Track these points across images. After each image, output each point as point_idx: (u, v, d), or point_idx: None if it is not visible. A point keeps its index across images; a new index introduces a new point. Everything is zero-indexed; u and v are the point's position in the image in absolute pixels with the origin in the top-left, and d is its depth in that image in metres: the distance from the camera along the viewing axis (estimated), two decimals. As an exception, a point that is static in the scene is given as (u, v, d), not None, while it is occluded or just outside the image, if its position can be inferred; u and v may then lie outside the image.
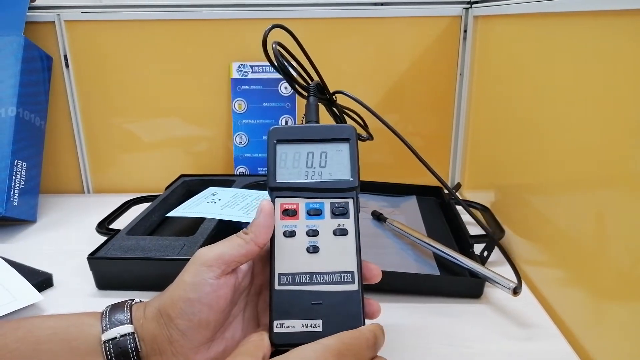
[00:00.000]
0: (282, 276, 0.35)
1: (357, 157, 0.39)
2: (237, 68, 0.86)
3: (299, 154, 0.39)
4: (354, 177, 0.38)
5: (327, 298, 0.34)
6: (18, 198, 0.75)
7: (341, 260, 0.36)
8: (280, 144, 0.39)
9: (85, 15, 0.84)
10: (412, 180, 0.81)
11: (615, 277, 0.41)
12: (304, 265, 0.35)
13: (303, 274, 0.35)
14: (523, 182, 0.63)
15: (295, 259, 0.35)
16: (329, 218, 0.37)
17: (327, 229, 0.37)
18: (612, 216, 0.42)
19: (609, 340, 0.43)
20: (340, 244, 0.36)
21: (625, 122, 0.40)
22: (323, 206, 0.37)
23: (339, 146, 0.39)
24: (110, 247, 0.59)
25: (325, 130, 0.40)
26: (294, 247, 0.36)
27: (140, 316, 0.36)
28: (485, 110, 0.78)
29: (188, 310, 0.34)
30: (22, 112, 0.76)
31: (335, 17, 0.83)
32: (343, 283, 0.35)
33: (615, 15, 0.42)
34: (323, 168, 0.38)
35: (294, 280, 0.34)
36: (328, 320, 0.33)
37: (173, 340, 0.34)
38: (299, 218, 0.37)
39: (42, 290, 0.56)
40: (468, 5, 0.82)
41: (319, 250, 0.36)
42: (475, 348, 0.47)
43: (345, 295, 0.34)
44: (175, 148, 0.91)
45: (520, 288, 0.50)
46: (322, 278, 0.35)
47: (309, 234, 0.36)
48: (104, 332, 0.35)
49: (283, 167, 0.38)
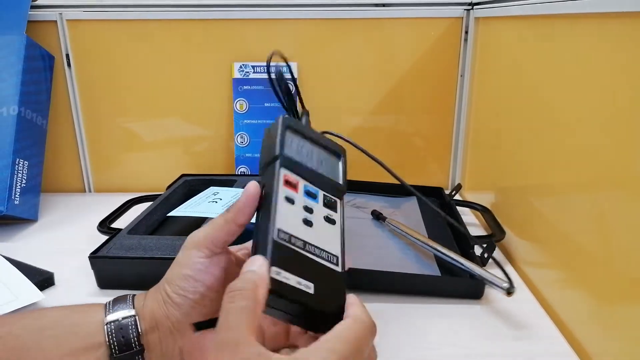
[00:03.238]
0: (281, 232, 0.35)
1: (345, 173, 0.42)
2: (239, 68, 0.86)
3: (303, 145, 0.40)
4: (344, 184, 0.41)
5: (318, 269, 0.35)
6: (19, 197, 0.75)
7: (329, 242, 0.37)
8: (289, 130, 0.40)
9: (87, 15, 0.84)
10: (413, 181, 0.81)
11: (615, 279, 0.42)
12: (300, 232, 0.36)
13: (299, 239, 0.35)
14: (523, 183, 0.63)
15: (293, 223, 0.36)
16: (322, 205, 0.39)
17: (320, 213, 0.38)
18: (612, 217, 0.42)
19: (609, 340, 0.43)
20: (329, 229, 0.38)
21: (626, 124, 0.40)
22: (318, 193, 0.39)
23: (334, 158, 0.42)
24: (111, 246, 0.59)
25: (325, 140, 0.43)
26: (293, 213, 0.36)
27: (141, 299, 0.38)
28: (485, 111, 0.78)
29: (183, 285, 0.36)
30: (24, 111, 0.77)
31: (337, 18, 0.83)
32: (330, 262, 0.36)
33: (616, 17, 0.42)
34: (321, 165, 0.41)
35: (290, 241, 0.35)
36: (318, 288, 0.34)
37: (170, 315, 0.36)
38: (298, 192, 0.38)
39: (43, 289, 0.56)
40: (469, 6, 0.82)
41: (313, 226, 0.37)
42: (476, 349, 0.47)
43: (333, 273, 0.35)
44: (177, 148, 0.91)
45: (512, 288, 0.50)
46: (314, 250, 0.35)
47: (305, 209, 0.37)
48: (107, 316, 0.36)
49: (289, 146, 0.39)
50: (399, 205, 0.77)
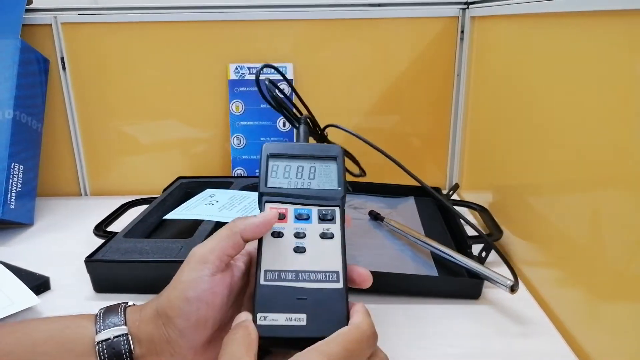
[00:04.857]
0: (268, 272, 0.35)
1: (344, 172, 0.41)
2: (235, 70, 0.86)
3: (289, 166, 0.41)
4: (341, 187, 0.40)
5: (312, 294, 0.35)
6: (15, 201, 0.75)
7: (327, 260, 0.37)
8: (272, 158, 0.41)
9: (82, 18, 0.84)
10: (410, 181, 0.81)
11: (611, 277, 0.42)
12: (291, 263, 0.36)
13: (289, 272, 0.35)
14: (521, 182, 0.63)
15: (282, 257, 0.36)
16: (316, 222, 0.38)
17: (314, 232, 0.38)
18: (608, 216, 0.42)
19: (606, 339, 0.43)
20: (326, 246, 0.37)
21: (623, 122, 0.40)
22: (311, 212, 0.39)
23: (328, 163, 0.41)
24: (107, 249, 0.58)
25: (314, 149, 0.42)
26: (282, 246, 0.37)
27: (135, 318, 0.36)
28: (482, 110, 0.78)
29: (186, 308, 0.34)
30: (19, 114, 0.76)
31: (332, 19, 0.83)
32: (328, 281, 0.36)
33: (612, 15, 0.42)
34: (312, 180, 0.41)
35: (280, 277, 0.35)
36: (312, 315, 0.34)
37: (171, 340, 0.35)
38: (287, 221, 0.38)
39: (39, 294, 0.56)
40: (465, 6, 0.82)
41: (305, 251, 0.37)
42: (473, 348, 0.47)
43: (330, 293, 0.35)
44: (173, 150, 0.91)
45: (517, 286, 0.50)
46: (307, 276, 0.35)
47: (297, 236, 0.38)
48: (98, 334, 0.35)
49: (274, 176, 0.40)
50: (396, 206, 0.77)
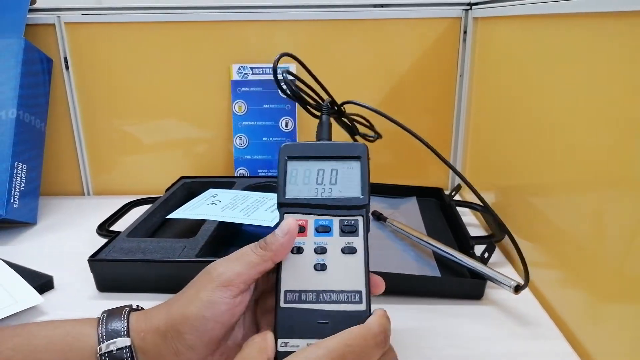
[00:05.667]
0: (289, 294, 0.34)
1: (368, 175, 0.38)
2: (237, 70, 0.86)
3: (309, 170, 0.38)
4: (365, 195, 0.37)
5: (334, 318, 0.34)
6: (18, 200, 0.75)
7: (349, 279, 0.35)
8: (291, 161, 0.38)
9: (86, 18, 0.84)
10: (412, 182, 0.81)
11: (615, 278, 0.41)
12: (311, 283, 0.35)
13: (310, 292, 0.34)
14: (524, 183, 0.63)
15: (303, 276, 0.35)
16: (338, 235, 0.36)
17: (336, 247, 0.36)
18: (612, 217, 0.42)
19: (609, 340, 0.43)
20: (348, 263, 0.36)
21: (626, 123, 0.40)
22: (332, 223, 0.37)
23: (351, 164, 0.38)
24: (110, 249, 0.59)
25: (336, 148, 0.39)
26: (302, 264, 0.35)
27: (141, 328, 0.35)
28: (485, 111, 0.78)
29: (201, 328, 0.34)
30: (22, 114, 0.76)
31: (336, 19, 0.83)
32: (350, 303, 0.34)
33: (615, 17, 0.42)
34: (333, 185, 0.38)
35: (300, 299, 0.34)
36: None
37: (179, 353, 0.34)
38: (307, 235, 0.36)
39: (42, 293, 0.56)
40: (468, 6, 0.82)
41: (327, 269, 0.35)
42: (476, 349, 0.47)
43: (353, 316, 0.34)
44: (176, 150, 0.91)
45: (525, 286, 0.50)
46: (329, 297, 0.34)
47: (317, 252, 0.36)
48: (100, 344, 0.34)
49: (293, 183, 0.38)
50: (398, 206, 0.77)
